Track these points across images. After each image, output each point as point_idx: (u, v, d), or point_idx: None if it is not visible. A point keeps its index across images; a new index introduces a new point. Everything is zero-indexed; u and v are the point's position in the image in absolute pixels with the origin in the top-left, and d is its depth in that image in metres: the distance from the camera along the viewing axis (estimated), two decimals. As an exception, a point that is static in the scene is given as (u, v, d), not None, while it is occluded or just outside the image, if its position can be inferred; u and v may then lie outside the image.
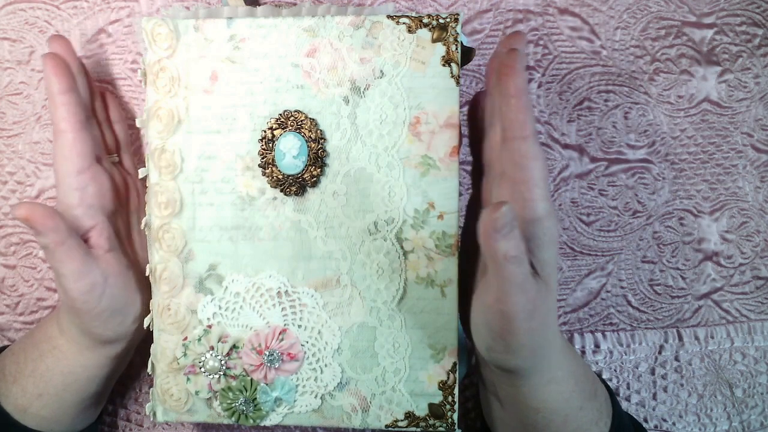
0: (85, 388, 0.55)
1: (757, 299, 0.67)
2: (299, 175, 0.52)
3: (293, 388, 0.53)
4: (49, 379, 0.54)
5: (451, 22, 0.51)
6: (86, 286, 0.50)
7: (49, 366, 0.54)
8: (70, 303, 0.51)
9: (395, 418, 0.54)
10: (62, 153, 0.52)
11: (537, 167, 0.47)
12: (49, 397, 0.54)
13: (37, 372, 0.54)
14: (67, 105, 0.52)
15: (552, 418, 0.51)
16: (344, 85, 0.52)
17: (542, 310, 0.47)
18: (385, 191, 0.52)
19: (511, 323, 0.46)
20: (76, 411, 0.56)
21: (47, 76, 0.52)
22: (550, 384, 0.50)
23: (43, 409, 0.54)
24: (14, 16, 0.64)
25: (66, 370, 0.54)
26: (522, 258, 0.44)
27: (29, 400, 0.54)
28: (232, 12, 0.53)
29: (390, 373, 0.53)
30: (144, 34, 0.52)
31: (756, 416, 0.66)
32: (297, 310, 0.53)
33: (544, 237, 0.47)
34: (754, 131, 0.66)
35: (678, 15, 0.65)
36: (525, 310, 0.45)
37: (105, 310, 0.52)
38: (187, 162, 0.53)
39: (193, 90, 0.53)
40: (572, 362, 0.52)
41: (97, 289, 0.51)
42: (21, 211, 0.47)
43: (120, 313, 0.53)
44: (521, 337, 0.47)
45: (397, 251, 0.53)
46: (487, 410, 0.58)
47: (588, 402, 0.52)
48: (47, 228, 0.48)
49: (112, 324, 0.53)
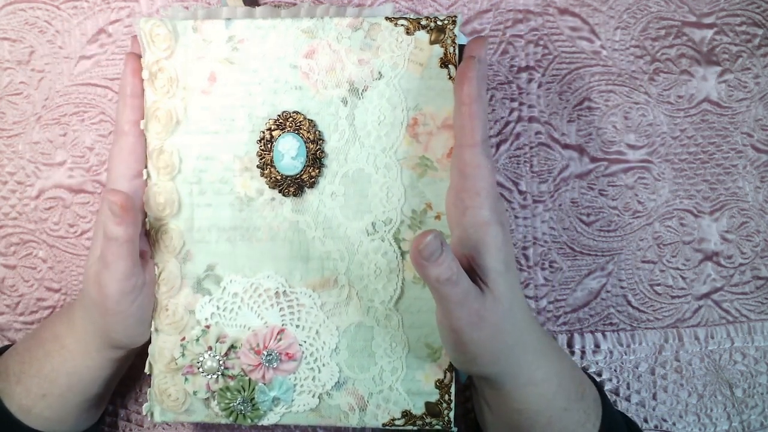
0: (89, 389, 0.55)
1: (757, 299, 0.66)
2: (298, 175, 0.52)
3: (291, 387, 0.53)
4: (54, 379, 0.54)
5: (449, 24, 0.52)
6: (128, 288, 0.50)
7: (54, 366, 0.54)
8: (102, 301, 0.50)
9: (392, 416, 0.54)
10: (121, 155, 0.52)
11: (481, 175, 0.48)
12: (53, 397, 0.54)
13: (42, 372, 0.54)
14: (134, 108, 0.52)
15: (536, 419, 0.51)
16: (342, 86, 0.52)
17: (491, 319, 0.47)
18: (383, 192, 0.52)
19: (459, 336, 0.48)
20: (79, 411, 0.56)
21: (125, 76, 0.52)
22: (527, 386, 0.50)
23: (46, 410, 0.54)
24: (14, 16, 0.64)
25: (71, 370, 0.54)
26: (455, 279, 0.46)
27: (33, 401, 0.54)
28: (230, 13, 0.54)
29: (387, 372, 0.53)
30: (142, 35, 0.52)
31: (756, 416, 0.66)
32: (295, 310, 0.53)
33: (487, 244, 0.48)
34: (754, 131, 0.66)
35: (678, 15, 0.65)
36: (470, 323, 0.47)
37: (132, 316, 0.52)
38: (185, 163, 0.53)
39: (191, 91, 0.53)
40: (554, 363, 0.52)
41: (135, 293, 0.51)
42: (118, 197, 0.47)
43: (142, 321, 0.53)
44: (473, 347, 0.48)
45: (394, 251, 0.53)
46: (479, 413, 0.58)
47: (574, 403, 0.52)
48: (129, 220, 0.48)
49: (133, 331, 0.53)
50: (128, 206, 0.48)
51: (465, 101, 0.48)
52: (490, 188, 0.48)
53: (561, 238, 0.65)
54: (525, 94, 0.65)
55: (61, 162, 0.64)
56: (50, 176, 0.64)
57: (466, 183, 0.48)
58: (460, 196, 0.49)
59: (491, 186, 0.48)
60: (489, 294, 0.48)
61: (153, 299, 0.54)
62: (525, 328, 0.50)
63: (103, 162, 0.64)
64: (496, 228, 0.48)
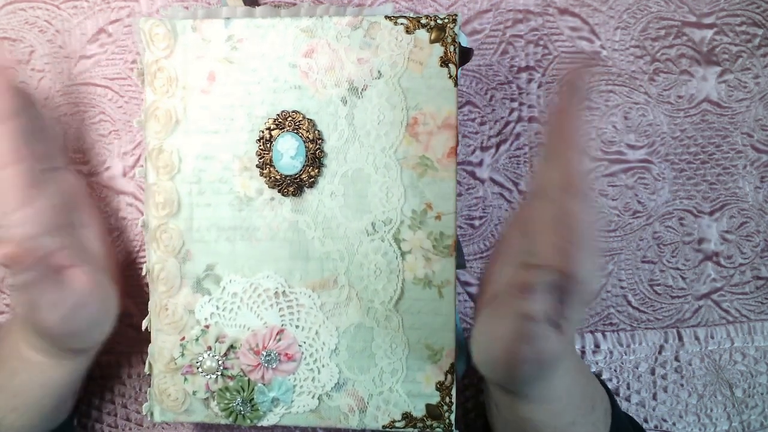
0: (61, 393, 0.54)
1: (757, 299, 0.66)
2: (297, 175, 0.52)
3: (290, 388, 0.53)
4: (23, 392, 0.52)
5: (449, 23, 0.51)
6: (63, 312, 0.48)
7: (24, 380, 0.52)
8: (45, 332, 0.49)
9: (392, 418, 0.54)
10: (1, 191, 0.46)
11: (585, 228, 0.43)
12: (24, 408, 0.52)
13: (8, 388, 0.52)
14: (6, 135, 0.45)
15: (541, 428, 0.50)
16: (342, 85, 0.52)
17: (549, 359, 0.46)
18: (382, 192, 0.52)
19: (512, 366, 0.46)
20: (54, 414, 0.55)
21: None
22: (537, 402, 0.50)
23: (17, 420, 0.52)
24: (14, 15, 0.64)
25: (43, 382, 0.52)
26: (540, 320, 0.44)
27: (2, 414, 0.52)
28: (230, 12, 0.53)
29: (387, 373, 0.53)
30: (141, 35, 0.52)
31: (756, 416, 0.66)
32: (294, 311, 0.53)
33: (577, 298, 0.44)
34: (754, 131, 0.66)
35: (678, 15, 0.65)
36: (530, 360, 0.45)
37: (83, 328, 0.50)
38: (184, 162, 0.53)
39: (190, 90, 0.53)
40: (566, 379, 0.51)
41: (75, 312, 0.49)
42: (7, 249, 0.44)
43: (99, 324, 0.52)
44: (520, 375, 0.47)
45: (394, 252, 0.53)
46: (488, 411, 0.57)
47: (582, 417, 0.51)
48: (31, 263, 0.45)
49: (93, 335, 0.52)
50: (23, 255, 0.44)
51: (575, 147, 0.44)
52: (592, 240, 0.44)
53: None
54: (525, 94, 0.64)
55: (60, 162, 0.64)
56: (50, 176, 0.64)
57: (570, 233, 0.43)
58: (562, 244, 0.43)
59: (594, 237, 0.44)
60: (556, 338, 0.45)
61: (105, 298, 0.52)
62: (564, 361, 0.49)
63: (103, 162, 0.64)
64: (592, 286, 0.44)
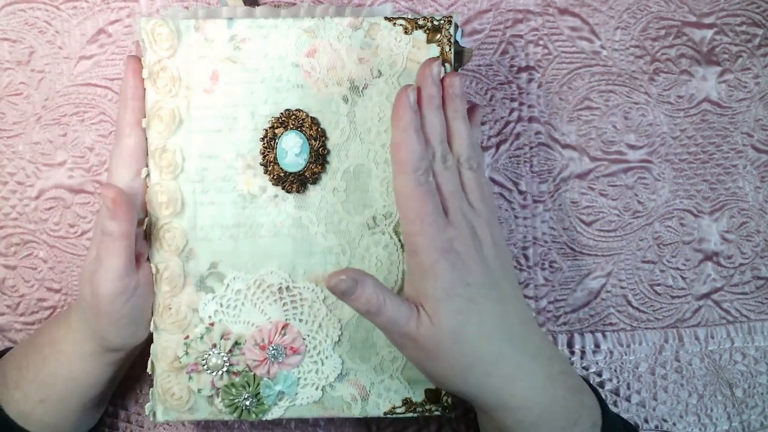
0: (87, 393, 0.55)
1: (757, 299, 0.67)
2: (301, 172, 0.52)
3: (295, 381, 0.54)
4: (52, 384, 0.54)
5: (445, 24, 0.53)
6: (120, 288, 0.50)
7: (51, 371, 0.54)
8: (94, 301, 0.50)
9: (393, 405, 0.55)
10: (121, 157, 0.52)
11: (411, 204, 0.49)
12: (52, 402, 0.54)
13: (39, 377, 0.54)
14: (135, 110, 0.52)
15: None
16: (343, 84, 0.53)
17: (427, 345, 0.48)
18: (383, 186, 0.53)
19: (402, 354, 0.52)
20: (78, 415, 0.56)
21: (126, 78, 0.52)
22: (500, 410, 0.49)
23: (45, 415, 0.54)
24: (14, 16, 0.64)
25: (69, 375, 0.54)
26: (375, 310, 0.48)
27: (32, 406, 0.54)
28: (230, 12, 0.54)
29: (388, 362, 0.54)
30: (144, 34, 0.52)
31: (756, 416, 0.66)
32: (298, 305, 0.54)
33: (424, 272, 0.48)
34: (754, 131, 0.66)
35: (678, 15, 0.65)
36: (402, 345, 0.50)
37: (124, 317, 0.51)
38: (188, 161, 0.53)
39: (194, 90, 0.53)
40: (537, 391, 0.49)
41: (128, 293, 0.51)
42: (110, 191, 0.48)
43: (135, 323, 0.53)
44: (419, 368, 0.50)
45: (395, 244, 0.53)
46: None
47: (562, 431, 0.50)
48: (124, 215, 0.49)
49: (126, 332, 0.53)
50: (121, 200, 0.48)
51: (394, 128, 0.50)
52: (425, 216, 0.48)
53: (561, 238, 0.65)
54: (525, 94, 0.65)
55: (61, 162, 0.64)
56: (50, 176, 0.64)
57: (401, 211, 0.50)
58: (401, 222, 0.50)
59: (426, 214, 0.48)
60: (425, 319, 0.48)
61: (148, 302, 0.53)
62: (487, 355, 0.49)
63: (103, 162, 0.64)
64: (434, 255, 0.48)
